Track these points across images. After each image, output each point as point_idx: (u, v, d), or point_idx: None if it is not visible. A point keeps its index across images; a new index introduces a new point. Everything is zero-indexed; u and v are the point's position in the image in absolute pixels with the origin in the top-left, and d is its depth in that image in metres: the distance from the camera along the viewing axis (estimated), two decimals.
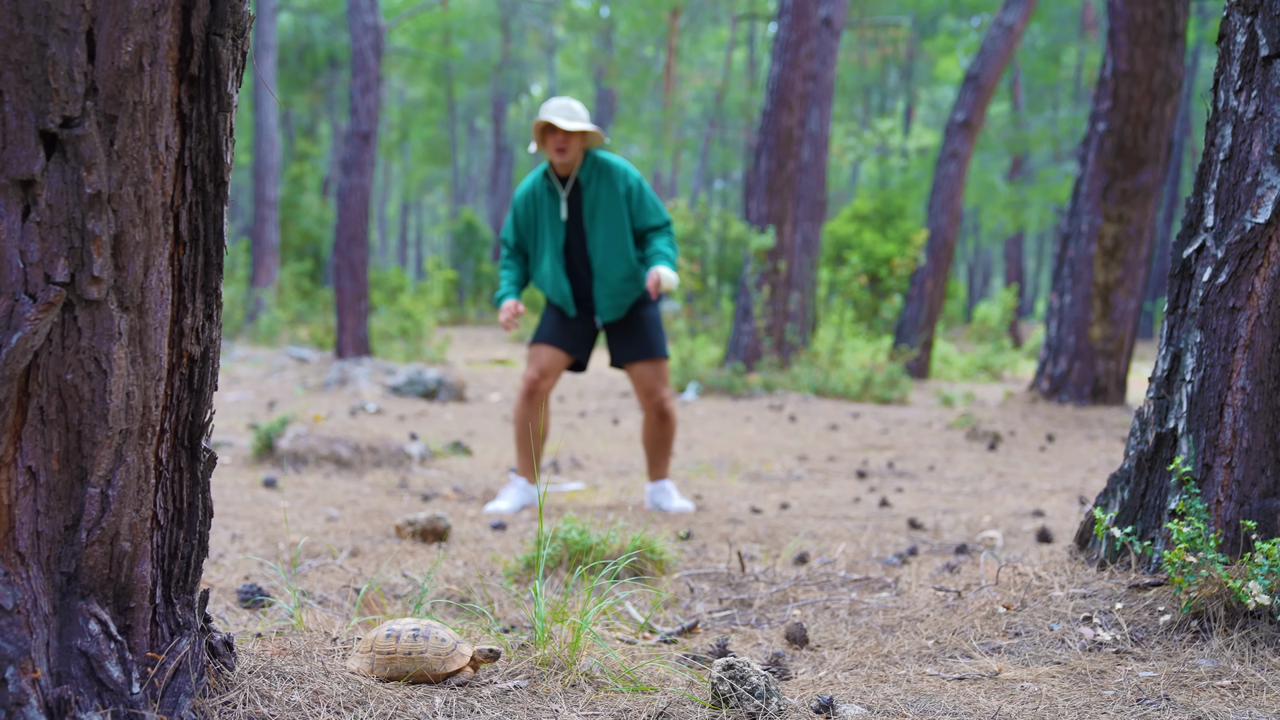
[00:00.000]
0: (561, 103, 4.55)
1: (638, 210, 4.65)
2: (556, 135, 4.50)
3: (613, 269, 4.58)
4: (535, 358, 4.65)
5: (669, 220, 4.70)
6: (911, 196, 24.37)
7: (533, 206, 4.68)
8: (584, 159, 4.63)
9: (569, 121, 4.47)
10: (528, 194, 4.69)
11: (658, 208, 4.67)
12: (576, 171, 4.61)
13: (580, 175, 4.61)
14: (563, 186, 4.65)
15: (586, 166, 4.63)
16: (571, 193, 4.65)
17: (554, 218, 4.66)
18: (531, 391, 4.61)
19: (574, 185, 4.64)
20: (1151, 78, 8.43)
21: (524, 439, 4.66)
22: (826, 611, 2.88)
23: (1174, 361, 2.60)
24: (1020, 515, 4.37)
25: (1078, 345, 8.96)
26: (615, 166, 4.63)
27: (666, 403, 4.65)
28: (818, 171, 13.97)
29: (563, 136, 4.48)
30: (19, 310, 1.37)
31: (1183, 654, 2.22)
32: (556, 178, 4.64)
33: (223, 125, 1.57)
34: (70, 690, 1.43)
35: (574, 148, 4.52)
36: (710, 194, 41.10)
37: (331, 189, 27.71)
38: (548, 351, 4.65)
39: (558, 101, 4.57)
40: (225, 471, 5.23)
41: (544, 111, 4.52)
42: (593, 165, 4.63)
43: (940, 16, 29.45)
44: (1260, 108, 2.46)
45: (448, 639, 1.97)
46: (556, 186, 4.64)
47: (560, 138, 4.49)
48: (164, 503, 1.61)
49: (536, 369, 4.62)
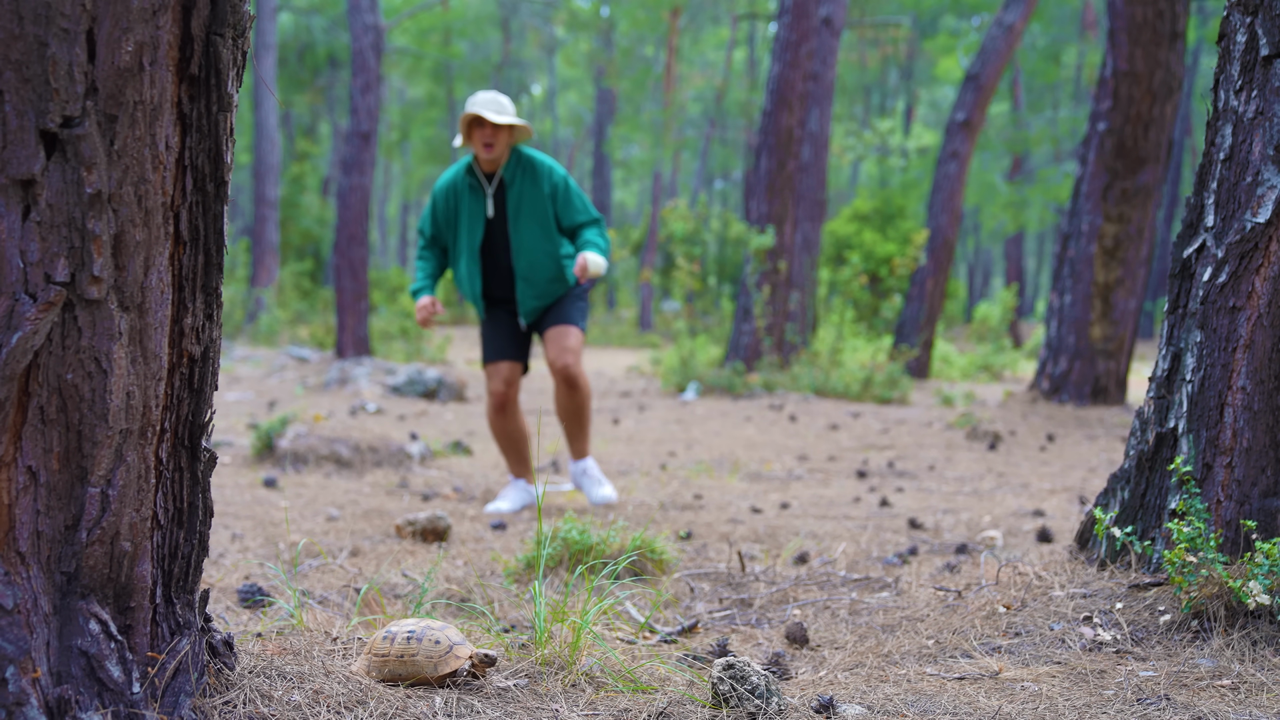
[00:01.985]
0: (489, 96, 4.39)
1: (564, 209, 4.50)
2: (484, 129, 4.33)
3: (539, 270, 4.47)
4: (495, 374, 4.57)
5: (599, 218, 4.56)
6: (911, 196, 24.36)
7: (453, 201, 4.52)
8: (509, 156, 4.47)
9: (497, 115, 4.30)
10: (448, 188, 4.54)
11: (585, 205, 4.53)
12: (501, 169, 4.45)
13: (504, 173, 4.45)
14: (487, 183, 4.49)
15: (511, 164, 4.47)
16: (496, 190, 4.49)
17: (474, 215, 4.50)
18: (501, 404, 4.55)
19: (498, 183, 4.48)
20: (1152, 77, 8.43)
21: (508, 446, 4.61)
22: (827, 611, 2.88)
23: (1174, 361, 2.60)
24: (1020, 515, 4.37)
25: (1078, 345, 8.96)
26: (540, 164, 4.48)
27: (573, 368, 4.47)
28: (818, 171, 13.98)
29: (490, 131, 4.32)
30: (19, 310, 1.37)
31: (1183, 654, 2.22)
32: (481, 174, 4.48)
33: (223, 125, 1.57)
34: (70, 690, 1.43)
35: (501, 143, 4.36)
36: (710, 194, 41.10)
37: (331, 189, 27.71)
38: (504, 366, 4.57)
39: (485, 95, 4.41)
40: (225, 471, 5.23)
41: (471, 104, 4.34)
42: (517, 163, 4.47)
43: (940, 16, 29.44)
44: (1260, 107, 2.46)
45: (442, 641, 1.96)
46: (481, 183, 4.48)
47: (488, 132, 4.33)
48: (164, 502, 1.61)
49: (500, 382, 4.54)
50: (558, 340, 4.49)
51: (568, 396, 4.53)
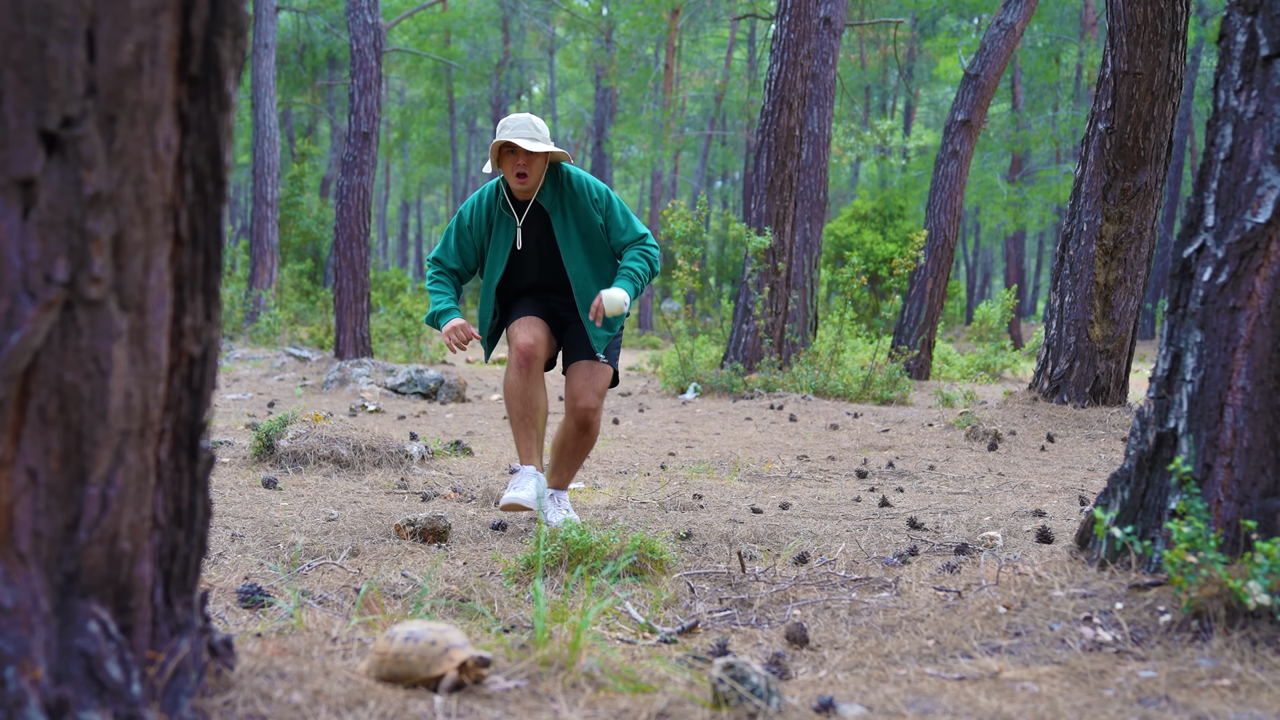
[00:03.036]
0: (522, 119, 4.03)
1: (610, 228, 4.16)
2: (517, 157, 3.98)
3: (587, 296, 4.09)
4: (523, 329, 4.07)
5: (644, 234, 4.18)
6: (911, 196, 24.37)
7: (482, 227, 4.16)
8: (545, 180, 4.10)
9: (531, 142, 3.93)
10: (479, 214, 4.17)
11: (630, 220, 4.17)
12: (537, 196, 4.09)
13: (543, 200, 4.08)
14: (518, 213, 4.12)
15: (549, 190, 4.10)
16: (530, 220, 4.12)
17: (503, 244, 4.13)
18: (527, 360, 4.02)
19: (532, 212, 4.11)
20: (1152, 77, 8.43)
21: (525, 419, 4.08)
22: (826, 611, 2.88)
23: (1174, 361, 2.60)
24: (1020, 515, 4.36)
25: (1078, 345, 8.96)
26: (583, 183, 4.12)
27: (593, 414, 4.09)
28: (818, 171, 13.97)
29: (524, 159, 3.97)
30: (19, 310, 1.37)
31: (1183, 654, 2.22)
32: (511, 201, 4.12)
33: (222, 125, 1.57)
34: (70, 690, 1.43)
35: (536, 171, 4.01)
36: (710, 194, 41.10)
37: (331, 189, 27.71)
38: (535, 323, 4.11)
39: (518, 118, 4.04)
40: (225, 471, 5.23)
41: (503, 130, 3.99)
42: (557, 186, 4.10)
43: (940, 16, 29.45)
44: (1260, 107, 2.46)
45: (439, 642, 1.96)
46: (511, 212, 4.11)
47: (522, 160, 3.98)
48: (164, 503, 1.61)
49: (529, 335, 4.05)
50: (588, 377, 4.12)
51: (577, 438, 4.16)
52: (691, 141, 33.38)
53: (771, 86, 12.02)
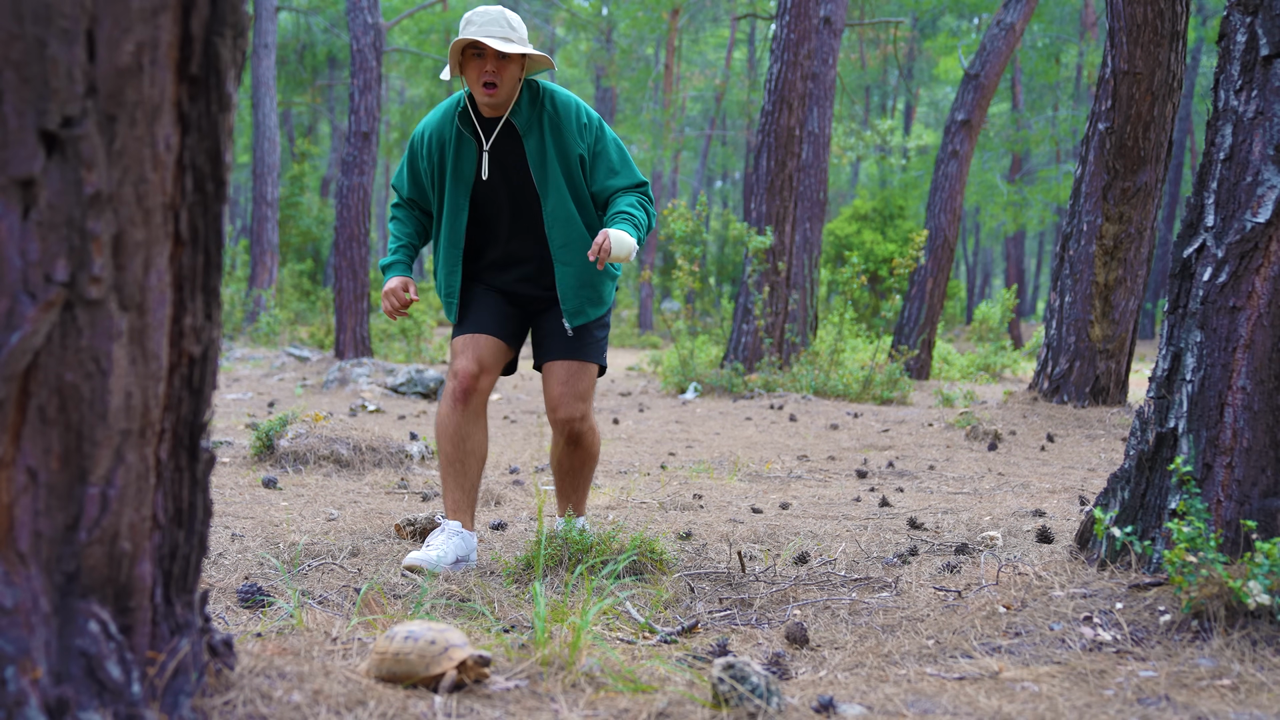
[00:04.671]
0: (494, 12, 3.12)
1: (595, 166, 3.30)
2: (484, 61, 3.10)
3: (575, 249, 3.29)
4: (467, 349, 3.31)
5: (644, 181, 3.37)
6: (911, 196, 24.37)
7: (437, 153, 3.29)
8: (521, 94, 3.21)
9: (503, 42, 3.05)
10: (434, 133, 3.30)
11: (627, 162, 3.35)
12: (510, 114, 3.21)
13: (517, 121, 3.21)
14: (485, 135, 3.24)
15: (525, 106, 3.21)
16: (498, 144, 3.24)
17: (461, 178, 3.26)
18: (465, 393, 3.27)
19: (502, 134, 3.23)
20: (1152, 77, 8.43)
21: (456, 464, 3.33)
22: (827, 611, 2.88)
23: (1174, 361, 2.60)
24: (1020, 515, 4.37)
25: (1078, 345, 8.96)
26: (569, 105, 3.26)
27: (579, 422, 3.35)
28: (818, 171, 13.98)
29: (494, 64, 3.09)
30: (19, 310, 1.37)
31: (1183, 654, 2.22)
32: (476, 119, 3.24)
33: (222, 125, 1.57)
34: (70, 690, 1.43)
35: (509, 81, 3.12)
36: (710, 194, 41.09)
37: (331, 189, 27.71)
38: (483, 342, 3.32)
39: (488, 10, 3.12)
40: (225, 471, 5.23)
41: (467, 26, 3.10)
42: (534, 105, 3.22)
43: (940, 16, 29.45)
44: (1260, 107, 2.46)
45: (438, 641, 1.96)
46: (475, 133, 3.24)
47: (490, 66, 3.09)
48: (164, 502, 1.61)
49: (472, 360, 3.28)
50: (568, 381, 3.33)
51: (567, 454, 3.41)
52: (691, 141, 33.38)
53: (771, 86, 12.02)
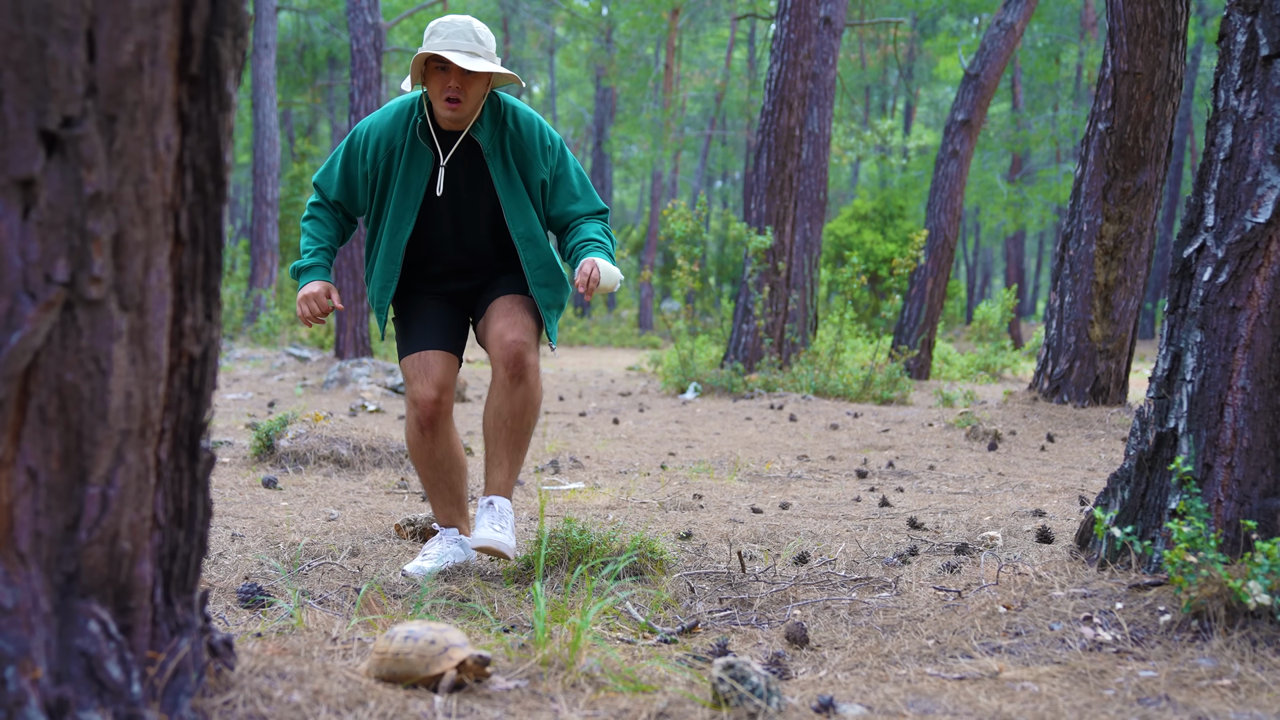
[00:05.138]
0: (460, 23, 2.97)
1: (556, 190, 3.18)
2: (448, 75, 2.96)
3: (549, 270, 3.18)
4: (422, 372, 3.14)
5: (604, 209, 3.26)
6: (911, 196, 24.37)
7: (384, 159, 3.11)
8: (482, 109, 3.09)
9: (469, 59, 2.90)
10: (382, 137, 3.11)
11: (587, 188, 3.22)
12: (470, 129, 3.07)
13: (479, 137, 3.08)
14: (441, 148, 3.10)
15: (487, 122, 3.09)
16: (455, 160, 3.10)
17: (411, 188, 3.09)
18: (430, 419, 3.14)
19: (461, 149, 3.10)
20: (1152, 77, 8.43)
21: (437, 478, 3.28)
22: (827, 611, 2.88)
23: (1174, 361, 2.60)
24: (1020, 515, 4.37)
25: (1078, 345, 8.96)
26: (530, 122, 3.14)
27: (525, 350, 3.05)
28: (818, 171, 13.98)
29: (459, 80, 2.96)
30: (19, 310, 1.37)
31: (1183, 654, 2.22)
32: (434, 130, 3.09)
33: (223, 125, 1.57)
34: (70, 690, 1.43)
35: (473, 98, 3.00)
36: (710, 194, 41.10)
37: None
38: (435, 359, 3.16)
39: (455, 21, 2.97)
40: (225, 471, 5.23)
41: (431, 37, 2.96)
42: (495, 121, 3.10)
43: (940, 16, 29.45)
44: (1260, 107, 2.46)
45: (438, 641, 1.96)
46: (431, 145, 3.10)
47: (454, 82, 2.96)
48: (164, 502, 1.61)
49: (430, 385, 3.12)
50: (511, 311, 3.12)
51: (508, 393, 3.06)
52: (691, 141, 33.38)
53: (771, 86, 12.03)
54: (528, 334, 3.07)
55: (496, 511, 3.15)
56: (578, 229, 3.16)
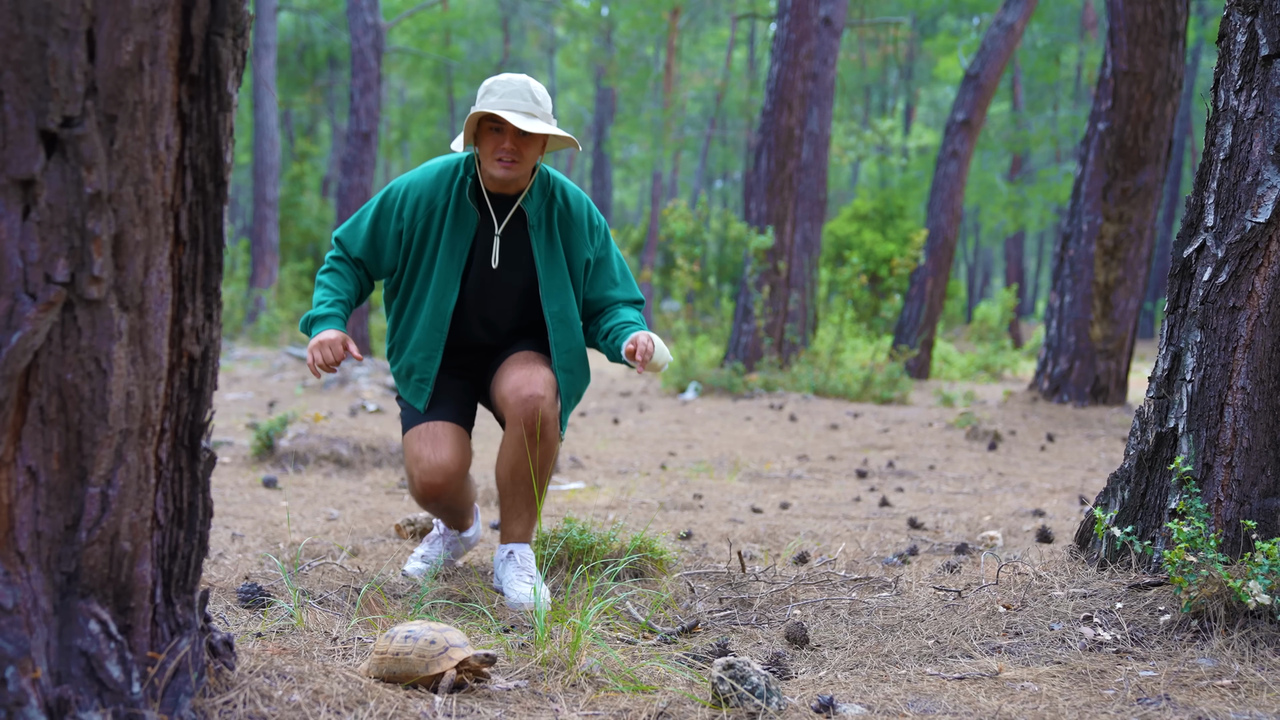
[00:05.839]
0: (518, 83, 2.82)
1: (599, 272, 3.06)
2: (502, 136, 2.83)
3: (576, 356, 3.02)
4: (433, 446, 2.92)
5: (642, 299, 3.13)
6: (911, 196, 24.36)
7: (423, 219, 2.94)
8: (533, 178, 2.97)
9: (526, 119, 2.77)
10: (423, 196, 2.95)
11: (627, 275, 3.12)
12: (521, 200, 2.95)
13: (528, 207, 2.95)
14: (495, 214, 2.95)
15: (536, 194, 2.96)
16: (509, 228, 2.97)
17: (455, 254, 2.93)
18: (438, 496, 2.95)
19: (513, 218, 2.97)
20: (1152, 77, 8.43)
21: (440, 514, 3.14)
22: (827, 611, 2.88)
23: (1174, 361, 2.60)
24: (1020, 515, 4.37)
25: (1078, 345, 8.96)
26: (581, 202, 3.04)
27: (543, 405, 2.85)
28: (818, 171, 13.97)
29: (512, 141, 2.83)
30: (19, 310, 1.37)
31: (1183, 653, 2.22)
32: (486, 194, 2.95)
33: (223, 125, 1.57)
34: (70, 690, 1.43)
35: (528, 160, 2.86)
36: (710, 194, 41.11)
37: (331, 189, 27.72)
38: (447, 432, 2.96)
39: (512, 80, 2.83)
40: (225, 471, 5.23)
41: (486, 96, 2.81)
42: (544, 194, 2.98)
43: (940, 16, 29.46)
44: (1260, 107, 2.46)
45: (438, 641, 1.96)
46: (486, 208, 2.96)
47: (509, 143, 2.83)
48: (164, 502, 1.61)
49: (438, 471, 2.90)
50: (528, 364, 2.93)
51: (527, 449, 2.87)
52: (691, 141, 33.39)
53: (771, 86, 12.03)
54: (548, 388, 2.88)
55: (518, 563, 3.00)
56: (616, 312, 3.04)
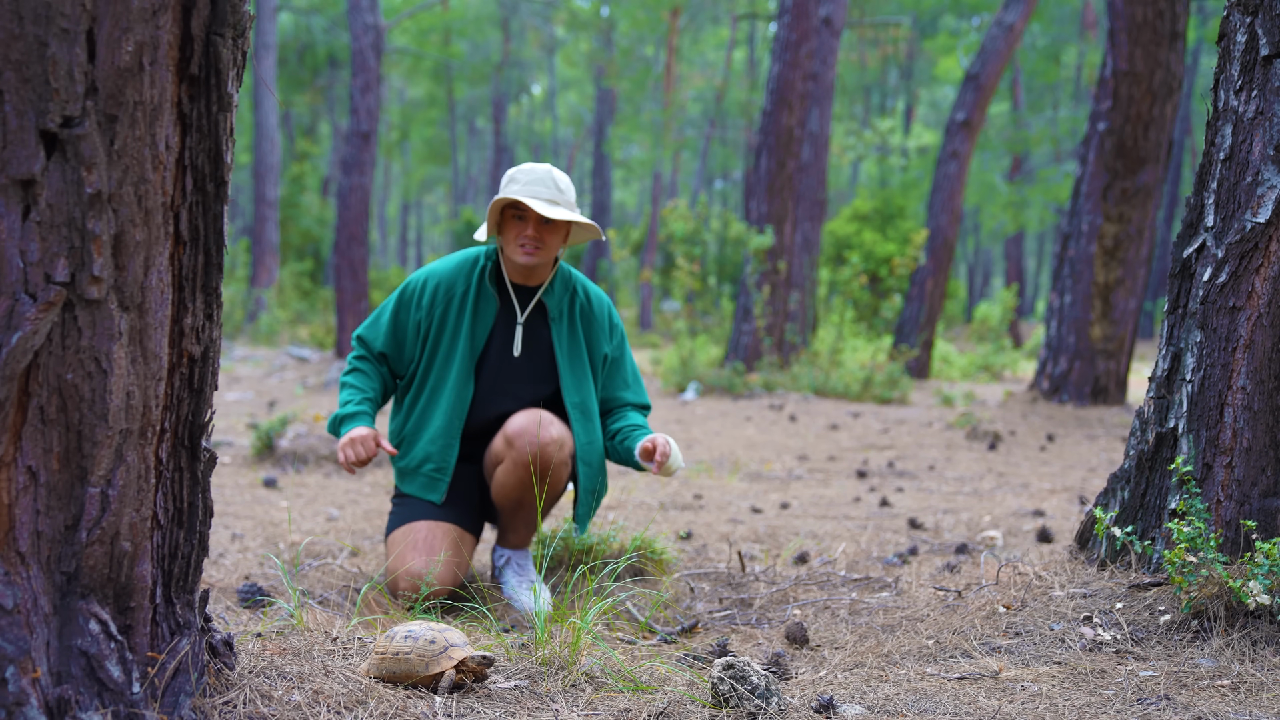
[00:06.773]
0: (540, 171, 2.84)
1: (613, 372, 3.05)
2: (525, 223, 2.83)
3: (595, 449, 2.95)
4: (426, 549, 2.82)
5: (649, 405, 3.12)
6: (911, 196, 24.36)
7: (441, 306, 2.92)
8: (555, 270, 2.98)
9: (550, 206, 2.78)
10: (442, 285, 2.92)
11: (638, 379, 3.11)
12: (542, 293, 2.95)
13: (548, 300, 2.95)
14: (519, 305, 2.94)
15: (558, 287, 2.97)
16: (529, 319, 2.95)
17: (479, 338, 2.90)
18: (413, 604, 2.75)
19: (534, 309, 2.95)
20: (1152, 77, 8.43)
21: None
22: (827, 611, 2.88)
23: (1174, 361, 2.60)
24: (1020, 515, 4.37)
25: (1078, 345, 8.96)
26: (601, 300, 3.05)
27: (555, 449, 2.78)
28: (818, 171, 13.97)
29: (535, 229, 2.83)
30: (19, 310, 1.37)
31: (1183, 654, 2.22)
32: (510, 285, 2.94)
33: (223, 125, 1.57)
34: (70, 690, 1.43)
35: (551, 247, 2.86)
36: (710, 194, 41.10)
37: (331, 189, 27.72)
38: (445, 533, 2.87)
39: (535, 170, 2.84)
40: (225, 471, 5.23)
41: (510, 184, 2.83)
42: (565, 289, 2.99)
43: (940, 16, 29.46)
44: (1260, 107, 2.46)
45: (438, 641, 1.96)
46: (510, 299, 2.94)
47: (532, 230, 2.82)
48: (164, 502, 1.61)
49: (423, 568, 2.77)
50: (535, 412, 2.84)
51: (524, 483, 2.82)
52: (691, 141, 33.39)
53: (771, 86, 12.02)
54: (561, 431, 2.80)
55: (516, 569, 3.00)
56: (625, 414, 3.01)
